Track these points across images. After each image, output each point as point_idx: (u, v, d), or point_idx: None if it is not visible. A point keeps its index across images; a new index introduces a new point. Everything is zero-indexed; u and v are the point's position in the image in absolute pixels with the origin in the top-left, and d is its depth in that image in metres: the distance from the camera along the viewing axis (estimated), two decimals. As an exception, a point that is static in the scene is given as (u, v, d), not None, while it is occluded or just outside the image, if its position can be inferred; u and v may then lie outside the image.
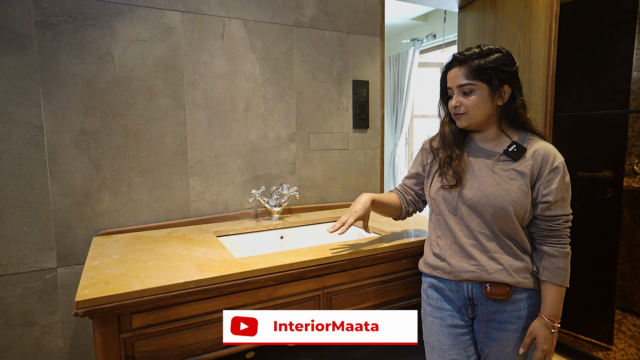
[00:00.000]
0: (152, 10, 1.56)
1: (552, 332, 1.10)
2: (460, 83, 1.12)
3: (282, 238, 1.69)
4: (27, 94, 1.40)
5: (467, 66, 1.11)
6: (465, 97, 1.13)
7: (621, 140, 1.99)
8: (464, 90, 1.13)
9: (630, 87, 1.92)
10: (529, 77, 1.93)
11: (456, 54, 1.16)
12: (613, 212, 2.04)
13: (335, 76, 1.96)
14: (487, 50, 1.12)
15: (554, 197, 1.10)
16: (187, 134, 1.66)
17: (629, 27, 1.88)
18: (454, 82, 1.15)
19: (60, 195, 1.47)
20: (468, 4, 2.35)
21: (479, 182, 1.14)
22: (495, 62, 1.10)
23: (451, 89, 1.16)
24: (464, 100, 1.13)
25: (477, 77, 1.11)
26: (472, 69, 1.11)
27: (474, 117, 1.14)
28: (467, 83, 1.11)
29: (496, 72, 1.10)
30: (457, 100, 1.14)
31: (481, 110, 1.13)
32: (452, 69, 1.16)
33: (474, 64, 1.10)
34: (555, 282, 1.11)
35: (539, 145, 1.13)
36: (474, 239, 1.14)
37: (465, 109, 1.13)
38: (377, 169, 2.14)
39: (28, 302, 1.46)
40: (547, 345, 1.10)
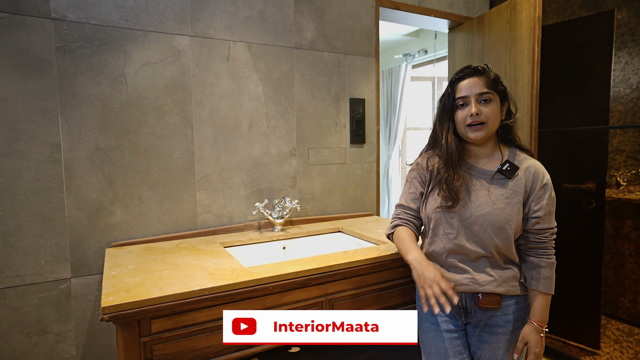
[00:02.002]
0: (163, 35, 1.66)
1: (542, 336, 1.20)
2: (482, 91, 1.15)
3: (285, 248, 1.78)
4: (46, 114, 1.49)
5: (486, 76, 1.17)
6: (485, 105, 1.15)
7: (602, 154, 2.13)
8: (483, 98, 1.15)
9: (609, 105, 2.06)
10: (515, 95, 2.06)
11: (473, 65, 1.20)
12: (596, 222, 2.16)
13: (334, 94, 2.08)
14: (491, 68, 1.21)
15: (543, 212, 1.17)
16: (194, 150, 1.76)
17: (606, 49, 2.03)
18: (472, 90, 1.16)
19: (75, 208, 1.56)
20: (457, 26, 2.49)
21: (475, 202, 1.18)
22: (500, 79, 1.20)
23: (467, 97, 1.17)
24: (483, 109, 1.15)
25: (494, 88, 1.17)
26: (491, 79, 1.17)
27: (492, 127, 1.17)
28: (487, 91, 1.15)
29: (504, 88, 1.20)
30: (477, 108, 1.15)
31: (497, 119, 1.18)
32: (469, 78, 1.17)
33: (492, 76, 1.18)
34: (542, 291, 1.20)
35: (529, 163, 1.20)
36: (467, 256, 1.21)
37: (486, 118, 1.15)
38: (374, 182, 2.24)
39: (43, 312, 1.53)
40: (539, 349, 1.19)
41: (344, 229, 1.92)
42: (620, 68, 2.00)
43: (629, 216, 2.06)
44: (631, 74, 1.98)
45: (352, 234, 1.85)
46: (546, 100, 2.25)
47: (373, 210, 2.25)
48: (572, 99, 2.19)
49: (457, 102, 1.20)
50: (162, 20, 1.66)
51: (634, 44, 1.96)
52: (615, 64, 2.02)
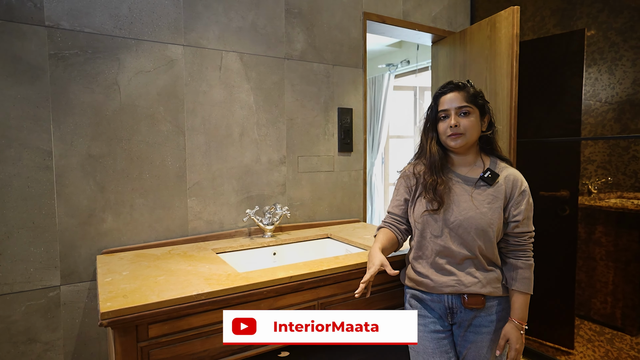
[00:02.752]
0: (157, 44, 1.69)
1: (522, 333, 1.28)
2: (460, 105, 1.26)
3: (275, 254, 1.82)
4: (38, 121, 1.49)
5: (465, 91, 1.28)
6: (463, 118, 1.26)
7: (575, 164, 2.25)
8: (462, 111, 1.26)
9: (581, 118, 2.19)
10: (495, 107, 2.16)
11: (454, 81, 1.32)
12: (570, 228, 2.28)
13: (322, 104, 2.14)
14: (473, 84, 1.31)
15: (522, 217, 1.28)
16: (186, 157, 1.78)
17: (578, 66, 2.16)
18: (452, 104, 1.27)
19: (66, 216, 1.55)
20: (440, 40, 2.60)
21: (459, 206, 1.28)
22: (481, 94, 1.31)
23: (447, 110, 1.28)
24: (462, 121, 1.26)
25: (473, 102, 1.27)
26: (470, 94, 1.27)
27: (470, 138, 1.27)
28: (466, 105, 1.26)
29: (484, 102, 1.30)
30: (456, 120, 1.26)
31: (475, 131, 1.28)
32: (450, 93, 1.29)
33: (471, 91, 1.28)
34: (522, 291, 1.28)
35: (509, 172, 1.30)
36: (453, 258, 1.29)
37: (464, 129, 1.26)
38: (361, 189, 2.31)
39: (32, 320, 1.51)
40: (519, 345, 1.27)
41: (333, 235, 1.97)
42: (590, 83, 2.14)
43: (599, 222, 2.19)
44: (600, 90, 2.11)
45: (340, 240, 1.90)
46: (524, 112, 2.37)
47: (360, 217, 2.31)
48: (548, 111, 2.31)
49: (439, 114, 1.32)
50: (156, 29, 1.69)
51: (602, 61, 2.10)
52: (586, 79, 2.15)
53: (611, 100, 2.09)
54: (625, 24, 2.01)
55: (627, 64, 2.02)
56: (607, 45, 2.07)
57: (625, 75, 2.04)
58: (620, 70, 2.05)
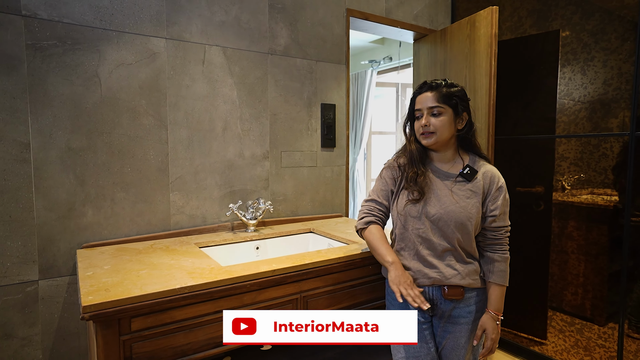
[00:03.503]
0: (138, 36, 1.67)
1: (497, 323, 1.34)
2: (431, 105, 1.30)
3: (258, 248, 1.83)
4: (15, 113, 1.45)
5: (438, 92, 1.30)
6: (434, 118, 1.30)
7: (550, 161, 2.34)
8: (433, 112, 1.30)
9: (555, 116, 2.27)
10: (474, 105, 2.22)
11: (427, 81, 1.35)
12: (544, 222, 2.36)
13: (306, 100, 2.15)
14: (451, 83, 1.33)
15: (499, 212, 1.33)
16: (168, 151, 1.77)
17: (553, 65, 2.24)
18: (424, 104, 1.31)
19: (44, 209, 1.53)
20: (422, 37, 2.64)
21: (440, 200, 1.32)
22: (459, 93, 1.32)
23: (420, 110, 1.32)
24: (433, 120, 1.30)
25: (445, 102, 1.29)
26: (442, 94, 1.30)
27: (440, 136, 1.30)
28: (437, 105, 1.29)
29: (460, 101, 1.32)
30: (427, 120, 1.30)
31: (447, 130, 1.30)
32: (423, 93, 1.33)
33: (444, 91, 1.30)
34: (498, 283, 1.34)
35: (487, 168, 1.35)
36: (434, 251, 1.33)
37: (434, 128, 1.29)
38: (343, 184, 2.34)
39: (8, 315, 1.49)
40: (495, 335, 1.33)
41: (315, 229, 1.99)
42: (564, 83, 2.22)
43: (571, 217, 2.28)
44: (573, 89, 2.20)
45: (323, 234, 1.93)
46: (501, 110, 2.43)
47: (342, 212, 2.34)
48: (524, 109, 2.39)
49: (415, 113, 1.36)
50: (138, 21, 1.67)
51: (575, 62, 2.18)
52: (560, 78, 2.23)
53: (583, 100, 2.17)
54: (597, 26, 2.09)
55: (599, 65, 2.10)
56: (580, 46, 2.15)
57: (596, 75, 2.12)
58: (592, 71, 2.13)
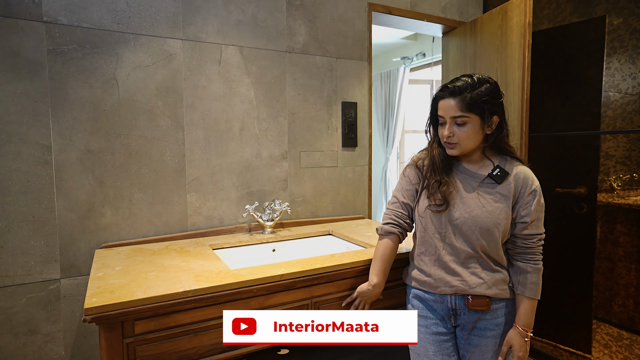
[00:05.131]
0: (155, 38, 1.68)
1: (526, 340, 1.21)
2: (455, 115, 1.16)
3: (274, 251, 1.79)
4: (37, 116, 1.50)
5: (461, 98, 1.14)
6: (458, 128, 1.17)
7: (593, 159, 2.14)
8: (457, 122, 1.16)
9: (600, 110, 2.07)
10: (506, 100, 2.05)
11: (448, 84, 1.18)
12: (588, 227, 2.17)
13: (325, 98, 2.09)
14: (478, 81, 1.15)
15: (531, 218, 1.20)
16: (185, 152, 1.77)
17: (597, 55, 2.04)
18: (447, 113, 1.17)
19: (65, 210, 1.57)
20: (450, 30, 2.50)
21: (465, 203, 1.21)
22: (487, 94, 1.15)
23: (443, 117, 1.20)
24: (457, 132, 1.17)
25: (471, 110, 1.14)
26: (466, 102, 1.13)
27: (465, 147, 1.20)
28: (461, 115, 1.15)
29: (488, 105, 1.15)
30: (450, 131, 1.18)
31: (473, 140, 1.19)
32: (444, 99, 1.18)
33: (468, 97, 1.13)
34: (528, 296, 1.21)
35: (519, 170, 1.22)
36: (457, 257, 1.23)
37: (458, 139, 1.18)
38: (365, 185, 2.25)
39: (32, 312, 1.54)
40: (522, 353, 1.20)
41: (334, 231, 1.93)
42: (610, 74, 2.02)
43: (619, 221, 2.07)
44: (620, 80, 1.99)
45: (341, 237, 1.86)
46: (538, 105, 2.26)
47: (365, 213, 2.26)
48: (563, 104, 2.20)
49: (438, 119, 1.24)
50: (154, 23, 1.68)
51: (622, 50, 1.97)
52: (605, 69, 2.03)
53: (632, 91, 1.97)
54: (649, 10, 1.88)
55: (650, 53, 1.89)
56: (629, 33, 1.95)
57: (647, 64, 1.91)
58: (643, 60, 1.92)
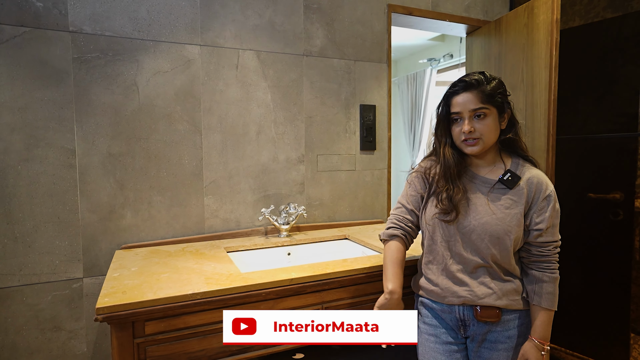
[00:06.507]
0: (174, 45, 1.72)
1: (543, 354, 1.14)
2: (475, 107, 1.12)
3: (290, 255, 1.79)
4: (63, 122, 1.57)
5: (480, 90, 1.12)
6: (479, 122, 1.13)
7: (631, 162, 2.00)
8: (477, 114, 1.13)
9: (637, 111, 1.94)
10: (532, 101, 1.98)
11: (465, 78, 1.15)
12: (624, 235, 2.03)
13: (343, 101, 2.08)
14: (490, 76, 1.15)
15: (546, 225, 1.14)
16: (203, 156, 1.80)
17: (632, 52, 1.91)
18: (466, 107, 1.13)
19: (88, 211, 1.63)
20: (474, 30, 2.43)
21: (475, 211, 1.16)
22: (500, 88, 1.15)
23: (460, 113, 1.15)
24: (477, 125, 1.13)
25: (490, 101, 1.12)
26: (485, 93, 1.12)
27: (487, 142, 1.15)
28: (482, 107, 1.12)
29: (503, 98, 1.15)
30: (471, 125, 1.13)
31: (493, 134, 1.15)
32: (462, 93, 1.14)
33: (487, 89, 1.12)
34: (545, 307, 1.15)
35: (532, 174, 1.16)
36: (465, 266, 1.18)
37: (480, 134, 1.13)
38: (384, 188, 2.22)
39: (57, 309, 1.60)
40: None
41: (351, 236, 1.90)
42: (648, 72, 1.89)
43: (658, 229, 1.93)
44: (659, 78, 1.86)
45: (357, 242, 1.84)
46: (568, 106, 2.15)
47: (384, 218, 2.22)
48: (596, 104, 2.08)
49: (452, 116, 1.18)
50: (173, 30, 1.72)
51: (661, 46, 1.84)
52: (642, 67, 1.90)
53: (672, 91, 1.83)
54: (691, 3, 1.75)
55: (693, 49, 1.75)
56: (668, 28, 1.82)
57: (690, 61, 1.77)
58: (684, 56, 1.78)
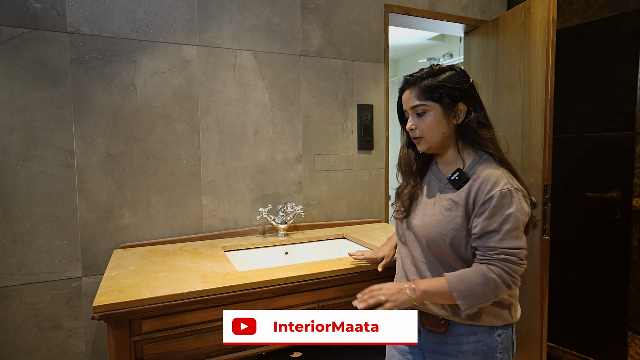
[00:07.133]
0: (172, 45, 1.73)
1: (407, 292, 1.04)
2: (413, 104, 1.09)
3: (287, 254, 1.80)
4: (61, 122, 1.58)
5: (417, 87, 1.08)
6: (419, 119, 1.09)
7: (628, 161, 2.00)
8: (417, 112, 1.09)
9: (635, 110, 1.94)
10: (529, 100, 1.98)
11: (407, 75, 1.12)
12: (622, 233, 2.03)
13: (341, 101, 2.08)
14: (438, 69, 1.09)
15: (479, 230, 1.01)
16: (200, 156, 1.81)
17: (630, 51, 1.92)
18: (407, 104, 1.11)
19: (86, 211, 1.64)
20: (472, 30, 2.43)
21: (422, 210, 1.12)
22: (446, 81, 1.06)
23: (406, 111, 1.13)
24: (418, 123, 1.09)
25: (427, 97, 1.07)
26: (422, 89, 1.07)
27: (431, 140, 1.09)
28: (419, 104, 1.08)
29: (447, 90, 1.06)
30: (412, 123, 1.10)
31: (436, 131, 1.08)
32: (404, 92, 1.12)
33: (423, 84, 1.07)
34: (448, 278, 1.01)
35: (483, 173, 1.03)
36: (415, 267, 1.13)
37: (421, 132, 1.09)
38: (382, 188, 2.22)
39: (56, 308, 1.62)
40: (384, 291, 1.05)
41: (348, 235, 1.91)
42: (644, 71, 1.89)
43: (656, 228, 1.93)
44: (656, 77, 1.86)
45: (355, 241, 1.84)
46: (565, 105, 2.15)
47: (381, 217, 2.23)
48: (593, 104, 2.08)
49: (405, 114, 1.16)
50: (171, 31, 1.73)
51: (658, 45, 1.85)
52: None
53: (669, 90, 1.83)
54: (687, 2, 1.75)
55: (689, 48, 1.76)
56: (664, 27, 1.82)
57: (686, 60, 1.77)
58: (681, 55, 1.79)
